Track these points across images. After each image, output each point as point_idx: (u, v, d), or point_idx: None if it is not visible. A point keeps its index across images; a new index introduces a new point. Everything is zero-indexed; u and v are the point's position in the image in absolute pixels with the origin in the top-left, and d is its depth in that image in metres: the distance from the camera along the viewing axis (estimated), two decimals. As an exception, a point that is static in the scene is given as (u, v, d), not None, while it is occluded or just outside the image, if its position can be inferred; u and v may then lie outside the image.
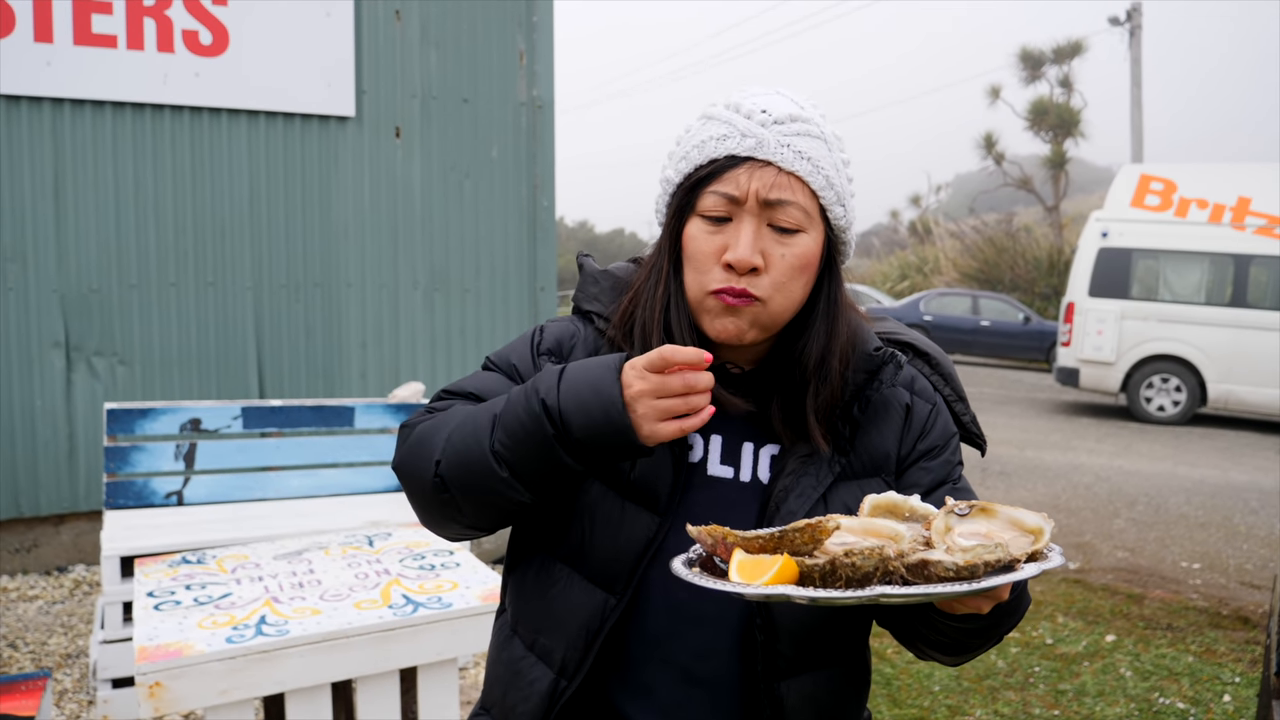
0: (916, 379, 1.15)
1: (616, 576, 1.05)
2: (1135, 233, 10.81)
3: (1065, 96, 23.75)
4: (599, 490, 1.07)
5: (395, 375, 5.20)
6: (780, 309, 1.04)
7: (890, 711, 3.29)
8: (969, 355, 18.11)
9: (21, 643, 3.75)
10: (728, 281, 1.02)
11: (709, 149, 1.03)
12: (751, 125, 1.02)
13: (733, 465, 1.09)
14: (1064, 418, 11.05)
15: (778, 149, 1.01)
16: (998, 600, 0.88)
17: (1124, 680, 3.57)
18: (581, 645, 1.06)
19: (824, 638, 1.07)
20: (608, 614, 1.05)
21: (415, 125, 5.19)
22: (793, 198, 1.01)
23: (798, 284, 1.04)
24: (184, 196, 4.73)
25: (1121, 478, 7.45)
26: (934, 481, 1.10)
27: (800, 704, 1.05)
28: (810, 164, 1.02)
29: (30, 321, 4.46)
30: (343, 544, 2.67)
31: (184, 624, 2.02)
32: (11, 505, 4.47)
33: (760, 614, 1.03)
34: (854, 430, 1.09)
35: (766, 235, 1.02)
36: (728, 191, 1.02)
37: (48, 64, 4.36)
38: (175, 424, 3.50)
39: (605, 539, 1.05)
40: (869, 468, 1.09)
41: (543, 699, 1.08)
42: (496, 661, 1.18)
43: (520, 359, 1.15)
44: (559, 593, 1.09)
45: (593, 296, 1.16)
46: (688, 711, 1.07)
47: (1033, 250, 21.76)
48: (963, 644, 1.02)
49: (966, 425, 1.18)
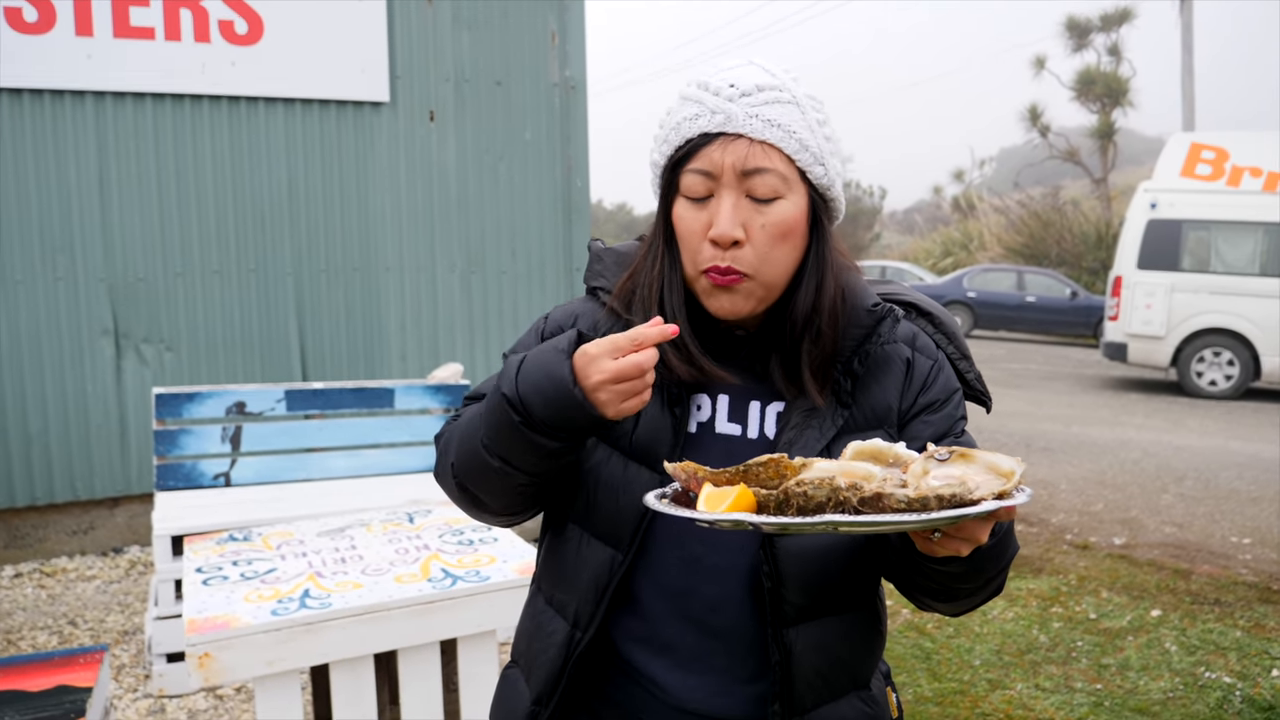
0: (918, 336, 1.17)
1: (622, 534, 1.10)
2: (1186, 203, 10.54)
3: (1113, 65, 23.21)
4: (604, 453, 1.12)
5: (434, 356, 5.27)
6: (771, 278, 1.07)
7: (930, 685, 3.29)
8: (1014, 332, 17.84)
9: (81, 620, 3.88)
10: (715, 259, 1.04)
11: (684, 129, 1.06)
12: (720, 101, 1.04)
13: (740, 423, 1.12)
14: (1112, 393, 10.86)
15: (746, 120, 1.03)
16: (974, 542, 0.90)
17: (1169, 655, 3.52)
18: (592, 599, 1.11)
19: (831, 587, 1.09)
20: (615, 569, 1.10)
21: (449, 109, 5.22)
22: (768, 165, 1.03)
23: (783, 250, 1.06)
24: (224, 185, 4.81)
25: (1170, 453, 7.31)
26: (935, 435, 1.12)
27: (808, 651, 1.07)
28: (781, 130, 1.04)
29: (80, 310, 4.58)
30: (384, 521, 2.72)
31: (231, 598, 2.07)
32: (68, 489, 4.61)
33: (767, 562, 1.05)
34: (855, 384, 1.11)
35: (746, 207, 1.04)
36: (704, 168, 1.05)
37: (89, 57, 4.45)
38: (221, 407, 3.58)
39: (610, 499, 1.10)
40: (871, 421, 1.11)
41: (560, 649, 1.14)
42: (524, 617, 1.25)
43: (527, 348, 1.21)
44: (571, 551, 1.15)
45: (598, 274, 1.21)
46: (707, 664, 1.10)
47: (1080, 224, 21.34)
48: (950, 589, 1.04)
49: (970, 382, 1.19)
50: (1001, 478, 0.86)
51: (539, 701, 1.15)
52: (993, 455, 0.88)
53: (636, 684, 1.14)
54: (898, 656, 3.53)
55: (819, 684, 1.09)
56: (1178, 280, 10.46)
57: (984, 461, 0.88)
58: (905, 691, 3.26)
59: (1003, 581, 1.08)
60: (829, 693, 1.11)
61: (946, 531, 0.89)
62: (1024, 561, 4.64)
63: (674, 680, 1.10)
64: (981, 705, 3.14)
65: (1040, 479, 6.41)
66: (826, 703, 1.10)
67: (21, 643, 3.65)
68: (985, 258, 23.37)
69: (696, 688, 1.10)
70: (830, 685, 1.10)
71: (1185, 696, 3.19)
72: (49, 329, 4.53)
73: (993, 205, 25.83)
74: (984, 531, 0.89)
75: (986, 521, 0.88)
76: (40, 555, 4.63)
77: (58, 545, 4.66)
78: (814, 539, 1.06)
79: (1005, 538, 1.01)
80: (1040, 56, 24.46)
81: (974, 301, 17.77)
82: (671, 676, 1.11)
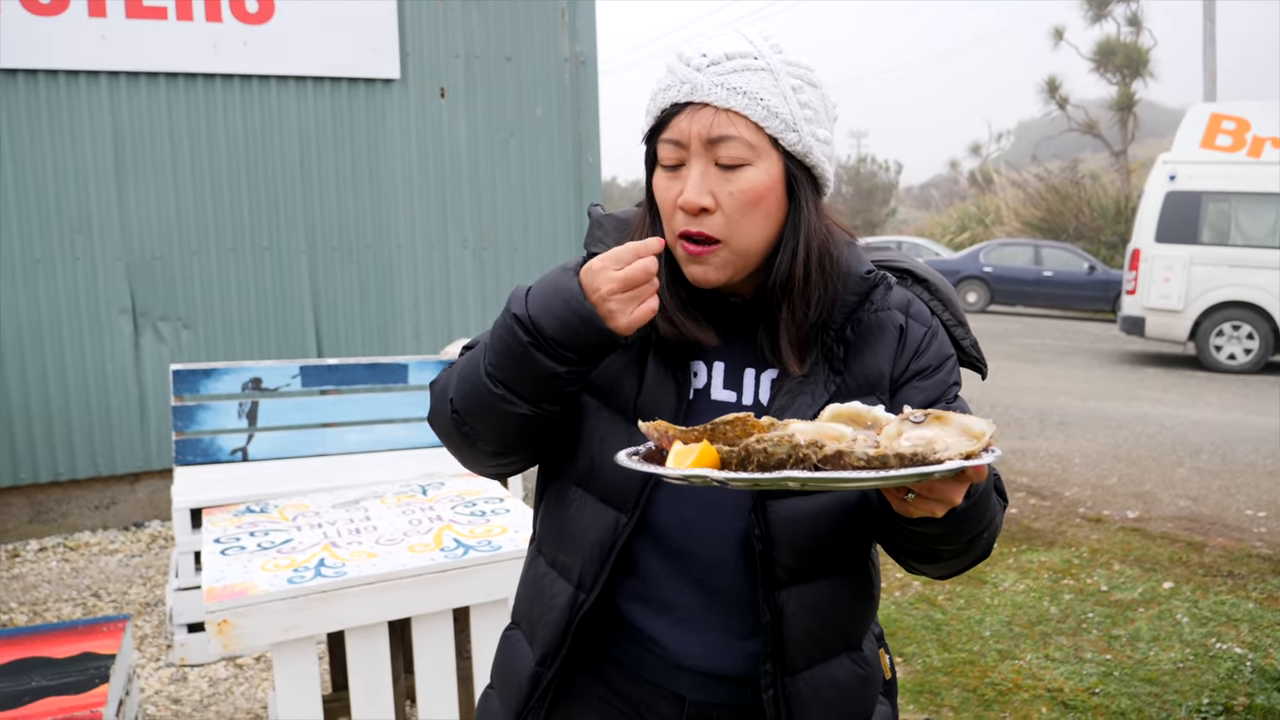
0: (913, 303, 1.17)
1: (626, 496, 1.12)
2: (1205, 175, 10.42)
3: (1133, 35, 22.87)
4: (608, 416, 1.14)
5: (447, 332, 5.30)
6: (744, 245, 1.07)
7: (940, 655, 3.31)
8: (1031, 307, 17.73)
9: (104, 592, 3.96)
10: (686, 225, 1.06)
11: (658, 100, 1.09)
12: (689, 71, 1.06)
13: (735, 390, 1.14)
14: (1129, 368, 10.80)
15: (711, 89, 1.04)
16: (948, 503, 0.90)
17: (1180, 626, 3.53)
18: (597, 560, 1.13)
19: (822, 550, 1.10)
20: (620, 531, 1.12)
21: (459, 85, 5.23)
22: (734, 133, 1.04)
23: (753, 218, 1.07)
24: (238, 163, 4.85)
25: (1187, 427, 7.28)
26: (926, 400, 1.12)
27: (800, 612, 1.09)
28: (746, 97, 1.04)
29: (98, 289, 4.64)
30: (397, 493, 2.76)
31: (248, 567, 2.12)
32: (90, 465, 4.69)
33: (759, 525, 1.07)
34: (847, 350, 1.12)
35: (714, 175, 1.05)
36: (674, 138, 1.06)
37: (102, 38, 4.48)
38: (238, 383, 3.62)
39: (613, 462, 1.10)
40: (863, 387, 1.12)
41: (563, 611, 1.15)
42: (525, 580, 1.27)
43: None
44: (574, 513, 1.16)
45: (598, 239, 1.22)
46: (705, 621, 1.12)
47: (1099, 197, 21.11)
48: (931, 550, 1.05)
49: (966, 349, 1.20)
50: (973, 439, 0.86)
51: (543, 662, 1.18)
52: (967, 418, 0.89)
53: (636, 642, 1.16)
54: (908, 628, 3.56)
55: (810, 645, 1.11)
56: (1196, 253, 10.36)
57: (958, 424, 0.88)
58: (914, 662, 3.29)
59: (988, 545, 1.09)
60: (820, 653, 1.12)
61: (920, 493, 0.90)
62: (1036, 534, 4.65)
63: (674, 638, 1.13)
64: (991, 675, 3.17)
65: (1054, 453, 6.41)
66: (818, 663, 1.12)
67: (47, 614, 3.73)
68: (1002, 232, 23.18)
69: (695, 644, 1.13)
70: (821, 646, 1.12)
71: (1195, 667, 3.21)
72: (69, 308, 4.59)
73: (1010, 179, 25.60)
74: (957, 493, 0.89)
75: (960, 483, 0.88)
76: (64, 530, 4.72)
77: (80, 520, 4.75)
78: (805, 503, 1.08)
79: (982, 499, 1.00)
80: (1059, 27, 24.14)
81: (990, 276, 17.66)
82: (671, 635, 1.13)
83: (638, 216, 1.19)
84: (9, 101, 4.41)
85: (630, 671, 1.17)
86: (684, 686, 1.14)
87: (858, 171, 36.74)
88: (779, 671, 1.10)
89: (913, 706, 3.00)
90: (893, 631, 3.52)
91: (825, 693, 1.12)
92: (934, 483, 0.88)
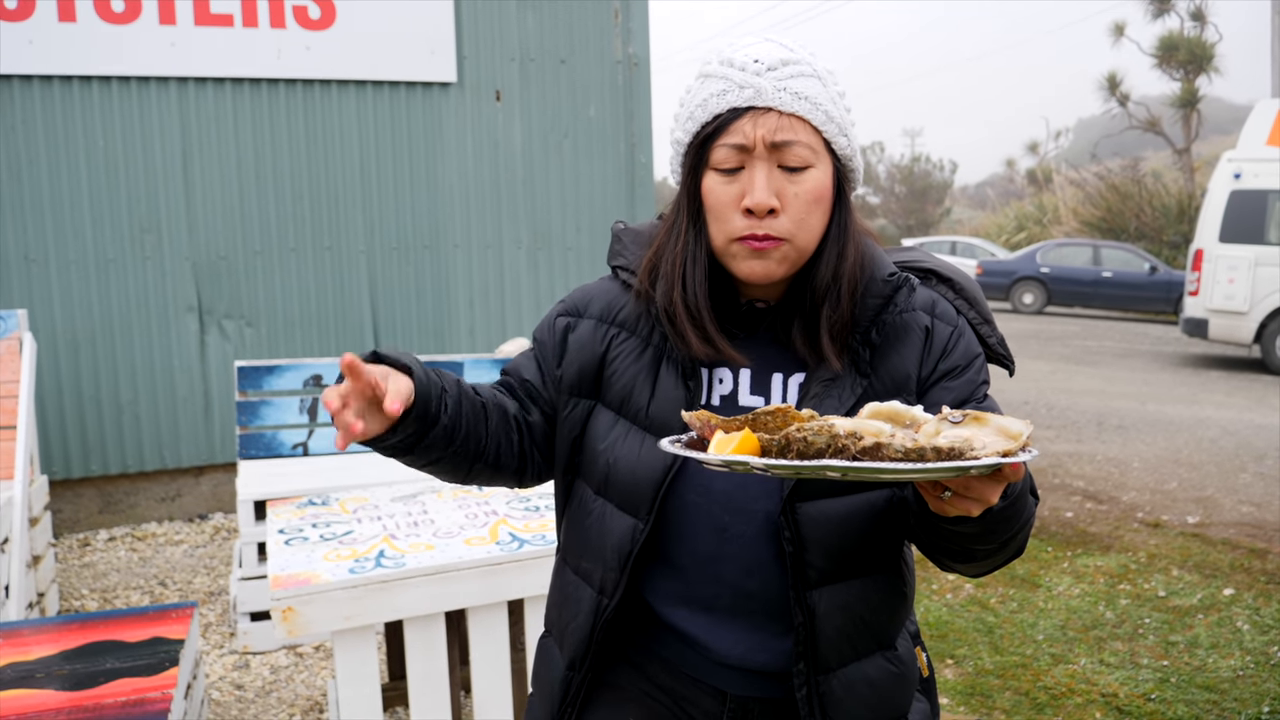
0: (938, 303, 1.19)
1: (641, 502, 1.15)
2: (1273, 173, 10.11)
3: (1197, 30, 22.25)
4: (623, 427, 1.18)
5: (501, 331, 5.38)
6: (805, 243, 1.11)
7: (992, 658, 3.29)
8: (1089, 308, 17.36)
9: (170, 581, 4.09)
10: (750, 228, 1.08)
11: (712, 105, 1.10)
12: (747, 76, 1.08)
13: (763, 395, 1.16)
14: (1190, 371, 10.54)
15: (775, 94, 1.07)
16: (985, 503, 0.90)
17: (1240, 633, 3.46)
18: (617, 566, 1.17)
19: (852, 550, 1.12)
20: (637, 536, 1.15)
21: (515, 88, 5.30)
22: (797, 137, 1.07)
23: (815, 216, 1.10)
24: (300, 166, 4.97)
25: (1251, 431, 7.10)
26: (957, 400, 1.14)
27: (832, 611, 1.11)
28: (808, 103, 1.07)
29: (166, 288, 4.79)
30: (453, 488, 2.83)
31: (311, 557, 2.19)
32: (156, 458, 4.85)
33: (789, 527, 1.09)
34: (873, 353, 1.14)
35: (778, 176, 1.08)
36: (736, 142, 1.08)
37: (172, 45, 4.63)
38: (299, 380, 3.72)
39: (628, 470, 1.16)
40: (890, 389, 1.13)
41: (588, 616, 1.20)
42: (553, 588, 1.31)
43: (544, 330, 1.29)
44: (594, 522, 1.20)
45: (617, 254, 1.27)
46: (745, 621, 1.15)
47: (1161, 196, 20.59)
48: (966, 550, 1.05)
49: (993, 347, 1.21)
50: (1010, 439, 0.86)
51: (572, 667, 1.22)
52: (1004, 419, 0.88)
53: (680, 640, 1.19)
54: (959, 630, 3.54)
55: (843, 644, 1.13)
56: (1262, 253, 10.07)
57: (995, 424, 0.88)
58: (966, 664, 3.27)
59: (1022, 543, 1.08)
60: (854, 652, 1.14)
61: (957, 490, 0.90)
62: (1091, 539, 4.58)
63: (715, 637, 1.16)
64: (1043, 679, 3.14)
65: (1112, 457, 6.29)
66: (851, 662, 1.14)
67: (116, 601, 3.87)
68: (1060, 232, 22.73)
69: (736, 644, 1.15)
70: (855, 645, 1.14)
71: (1255, 675, 3.14)
72: (138, 305, 4.75)
73: (1069, 178, 25.08)
74: (994, 492, 0.89)
75: (996, 482, 0.89)
76: (131, 520, 4.88)
77: (147, 511, 4.91)
78: (834, 504, 1.10)
79: (1018, 500, 1.00)
80: (1119, 23, 23.59)
81: (1047, 277, 17.33)
82: (713, 634, 1.16)
83: (663, 226, 1.21)
84: (84, 107, 4.58)
85: (673, 667, 1.20)
86: (726, 682, 1.17)
87: (911, 171, 36.31)
88: (812, 670, 1.11)
89: (964, 709, 2.98)
90: (944, 634, 3.50)
91: (859, 690, 1.13)
92: (971, 481, 0.88)
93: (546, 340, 1.28)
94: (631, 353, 1.20)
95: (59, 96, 4.54)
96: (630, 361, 1.19)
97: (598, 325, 1.23)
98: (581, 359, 1.22)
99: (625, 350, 1.20)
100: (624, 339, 1.21)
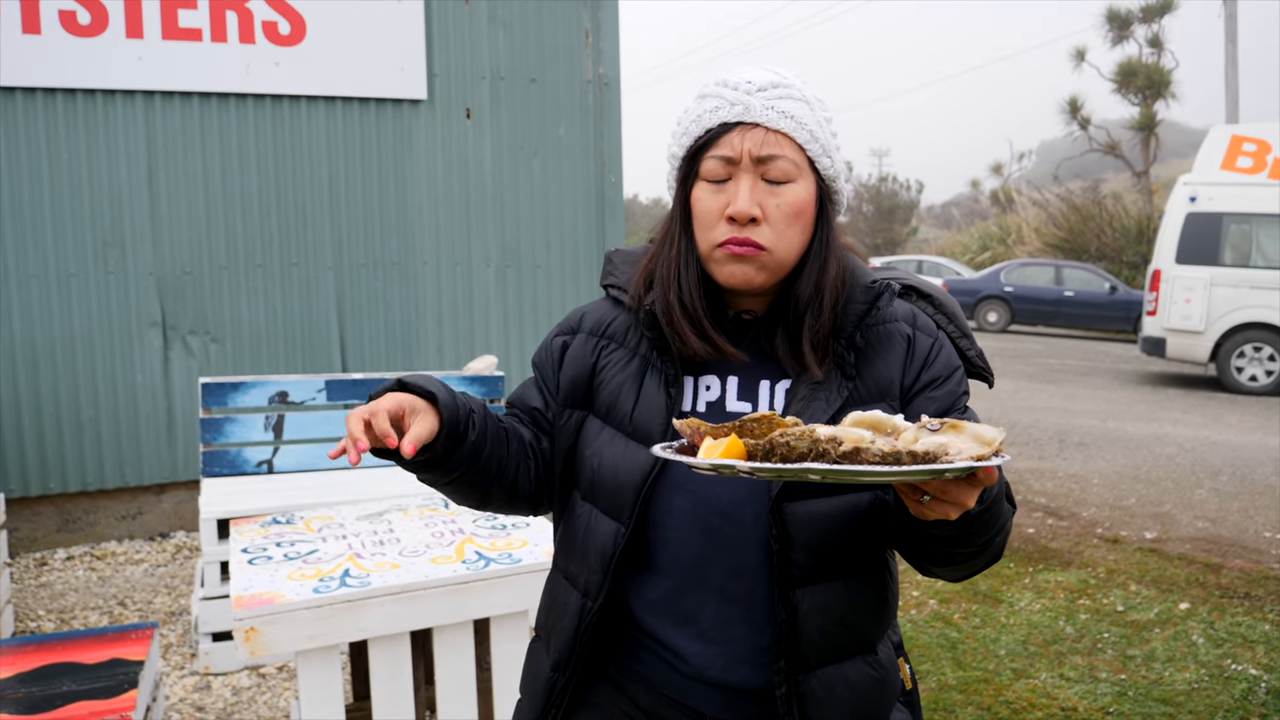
0: (918, 316, 1.24)
1: (623, 506, 1.19)
2: (1226, 196, 10.39)
3: (1155, 56, 22.78)
4: (608, 434, 1.23)
5: (470, 348, 5.38)
6: (784, 253, 1.16)
7: (955, 673, 3.33)
8: (1052, 327, 17.65)
9: (130, 601, 4.03)
10: (732, 233, 1.14)
11: (705, 120, 1.17)
12: (739, 95, 1.15)
13: (750, 401, 1.20)
14: (1149, 389, 10.74)
15: (763, 111, 1.14)
16: (962, 507, 0.95)
17: (1195, 647, 3.53)
18: (600, 569, 1.20)
19: (836, 550, 1.15)
20: (618, 540, 1.19)
21: (485, 106, 5.32)
22: (781, 152, 1.14)
23: (795, 229, 1.16)
24: (268, 181, 4.95)
25: (1207, 448, 7.25)
26: (939, 410, 1.19)
27: (814, 611, 1.14)
28: (794, 121, 1.14)
29: (130, 303, 4.74)
30: (420, 506, 2.82)
31: (275, 576, 2.18)
32: (117, 475, 4.78)
33: (775, 525, 1.12)
34: (858, 357, 1.19)
35: (761, 189, 1.14)
36: (724, 154, 1.15)
37: (139, 59, 4.60)
38: (264, 396, 3.70)
39: (611, 475, 1.20)
40: (874, 394, 1.18)
41: (574, 618, 1.23)
42: (544, 591, 1.35)
43: (542, 354, 1.34)
44: (580, 525, 1.25)
45: (609, 274, 1.33)
46: (728, 631, 1.17)
47: (1121, 218, 21.01)
48: (946, 554, 1.10)
49: (972, 360, 1.27)
50: (984, 445, 0.90)
51: (557, 668, 1.24)
52: (979, 426, 0.93)
53: (658, 656, 1.21)
54: (923, 645, 3.57)
55: (824, 645, 1.15)
56: (1217, 274, 10.31)
57: (971, 431, 0.93)
58: (929, 679, 3.30)
59: (1000, 548, 1.13)
60: (834, 654, 1.16)
61: (935, 494, 0.94)
62: (1052, 554, 4.65)
63: (696, 650, 1.17)
64: (1005, 694, 3.18)
65: (1073, 473, 6.40)
66: (831, 663, 1.16)
67: (74, 621, 3.80)
68: (1024, 252, 23.10)
69: (717, 657, 1.17)
70: (836, 647, 1.16)
71: (1210, 687, 3.20)
72: (100, 321, 4.69)
73: (1031, 199, 25.49)
74: (970, 496, 0.94)
75: (973, 487, 0.93)
76: (91, 539, 4.81)
77: (107, 529, 4.84)
78: (819, 504, 1.13)
79: (994, 505, 1.04)
80: (1080, 48, 24.07)
81: (1011, 296, 17.60)
82: (694, 647, 1.17)
83: (659, 236, 1.26)
84: (48, 120, 4.54)
85: (652, 687, 1.22)
86: (705, 703, 1.18)
87: (879, 190, 36.71)
88: (792, 668, 1.14)
89: (927, 724, 3.01)
90: (908, 649, 3.53)
91: (839, 692, 1.16)
92: (948, 485, 0.93)
93: (546, 363, 1.33)
94: (619, 362, 1.25)
95: (22, 108, 4.50)
96: (617, 370, 1.24)
97: (588, 338, 1.29)
98: (574, 371, 1.28)
99: (613, 360, 1.26)
100: (613, 350, 1.27)
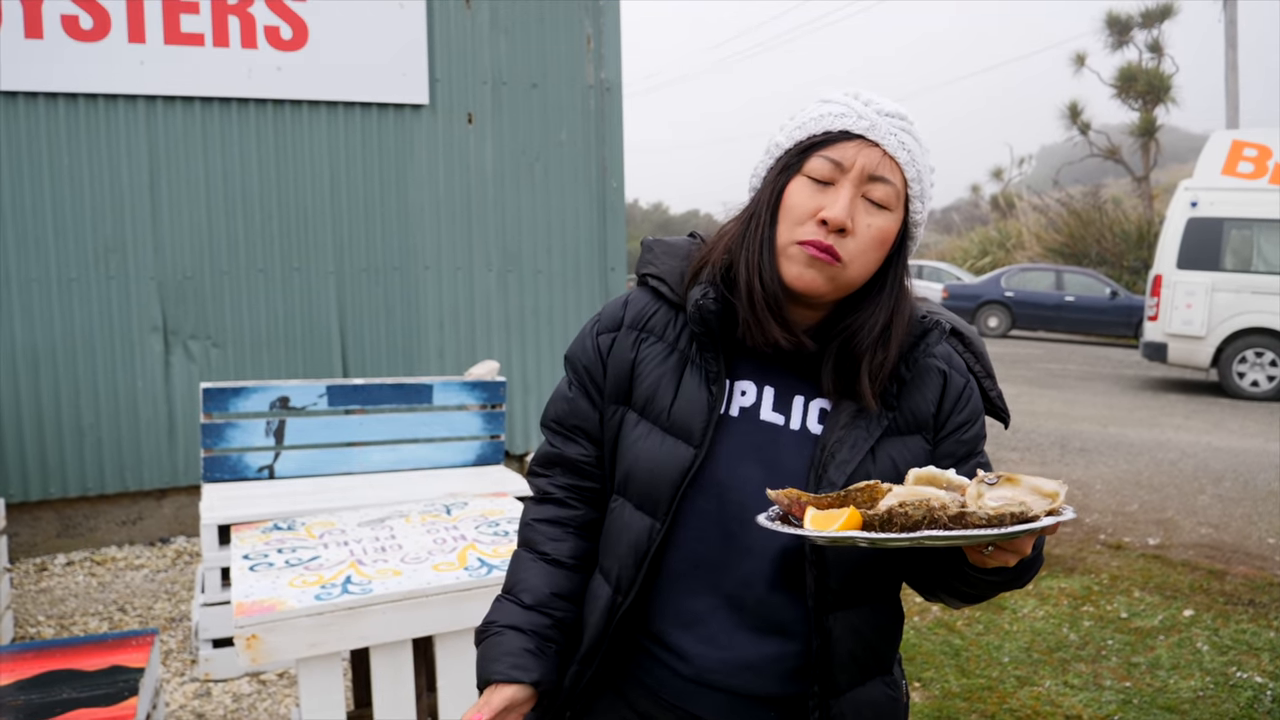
0: (952, 356, 1.26)
1: (659, 502, 1.18)
2: (1227, 201, 10.38)
3: (1155, 62, 22.80)
4: (644, 428, 1.21)
5: (471, 353, 5.37)
6: (856, 274, 1.15)
7: (958, 681, 3.31)
8: (1052, 332, 17.63)
9: (130, 607, 4.02)
10: (818, 236, 1.13)
11: (826, 122, 1.16)
12: (868, 111, 1.15)
13: (783, 414, 1.20)
14: (1151, 394, 10.73)
15: (888, 134, 1.14)
16: (1021, 554, 1.03)
17: (1200, 654, 3.52)
18: (632, 564, 1.20)
19: (865, 577, 1.18)
20: (653, 536, 1.19)
21: (486, 111, 5.32)
22: (890, 178, 1.14)
23: (874, 254, 1.15)
24: (269, 186, 4.95)
25: (1209, 454, 7.23)
26: (966, 453, 1.22)
27: (845, 635, 1.17)
28: (908, 155, 1.15)
29: (131, 308, 4.73)
30: (422, 512, 2.81)
31: (276, 583, 2.16)
32: (118, 480, 4.77)
33: (813, 553, 1.14)
34: (900, 388, 1.20)
35: (860, 205, 1.14)
36: (836, 158, 1.13)
37: (141, 63, 4.60)
38: (265, 402, 3.69)
39: (647, 469, 1.19)
40: (912, 425, 1.20)
41: (604, 612, 1.23)
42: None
43: (584, 356, 1.30)
44: (615, 519, 1.24)
45: (648, 263, 1.30)
46: (734, 638, 1.17)
47: (1121, 223, 21.02)
48: (986, 595, 1.17)
49: (993, 400, 1.29)
50: (1046, 498, 1.00)
51: (583, 661, 1.25)
52: (1035, 479, 1.02)
53: (661, 661, 1.21)
54: (926, 653, 3.56)
55: (853, 667, 1.18)
56: (1218, 279, 10.31)
57: (1028, 485, 1.02)
58: (933, 687, 3.29)
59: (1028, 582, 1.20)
60: (860, 675, 1.19)
61: (1001, 545, 1.01)
62: (1056, 561, 4.64)
63: (699, 652, 1.18)
64: (1009, 701, 3.17)
65: (1075, 479, 6.38)
66: (857, 685, 1.19)
67: (74, 627, 3.79)
68: (1024, 257, 23.10)
69: (720, 661, 1.17)
70: (862, 669, 1.19)
71: (1215, 695, 3.19)
72: (101, 325, 4.69)
73: (1032, 204, 25.51)
74: (1029, 545, 1.02)
75: (1033, 535, 0.99)
76: (91, 544, 4.79)
77: (107, 535, 4.82)
78: None
79: (1042, 547, 1.13)
80: (1080, 53, 24.09)
81: (1011, 301, 17.59)
82: (698, 649, 1.18)
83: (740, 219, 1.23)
84: (50, 124, 4.53)
85: (653, 694, 1.22)
86: (705, 709, 1.19)
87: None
88: (825, 694, 1.16)
89: (930, 732, 3.00)
90: (911, 656, 3.53)
91: (864, 714, 1.19)
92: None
93: (594, 363, 1.29)
94: (657, 356, 1.23)
95: (24, 113, 4.49)
96: (655, 365, 1.23)
97: (628, 332, 1.27)
98: (617, 367, 1.26)
99: (652, 354, 1.24)
100: (651, 343, 1.25)
